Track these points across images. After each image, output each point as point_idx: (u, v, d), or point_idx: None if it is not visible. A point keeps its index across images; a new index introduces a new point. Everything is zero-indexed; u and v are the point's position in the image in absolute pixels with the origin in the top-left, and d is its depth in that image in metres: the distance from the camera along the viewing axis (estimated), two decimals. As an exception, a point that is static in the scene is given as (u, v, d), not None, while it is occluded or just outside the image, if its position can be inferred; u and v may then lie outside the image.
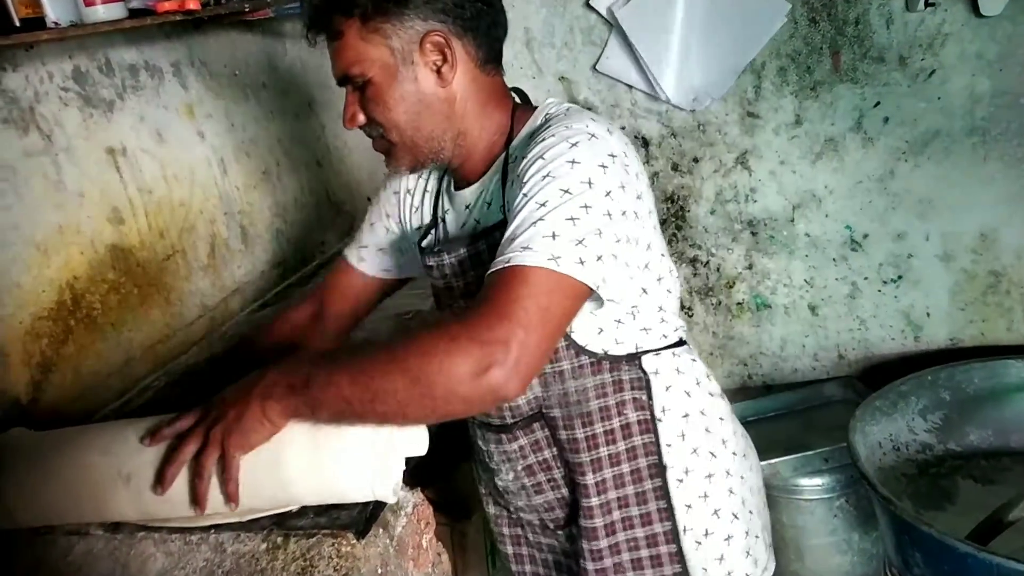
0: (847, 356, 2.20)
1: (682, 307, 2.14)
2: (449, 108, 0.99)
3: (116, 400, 1.33)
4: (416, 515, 0.99)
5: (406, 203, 1.18)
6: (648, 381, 1.02)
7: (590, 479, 1.02)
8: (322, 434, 0.87)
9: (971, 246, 2.00)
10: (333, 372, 0.82)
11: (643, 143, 2.16)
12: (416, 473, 0.99)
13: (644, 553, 1.04)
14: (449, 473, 1.68)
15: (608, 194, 0.88)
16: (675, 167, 2.16)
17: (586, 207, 0.85)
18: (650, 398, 1.02)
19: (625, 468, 1.02)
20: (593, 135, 0.91)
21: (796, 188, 2.09)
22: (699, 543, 1.05)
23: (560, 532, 1.11)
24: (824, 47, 1.96)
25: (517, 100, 1.07)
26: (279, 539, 0.89)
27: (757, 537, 1.10)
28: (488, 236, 0.99)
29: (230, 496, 0.86)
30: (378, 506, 0.92)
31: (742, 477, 1.09)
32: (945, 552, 1.43)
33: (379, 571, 0.89)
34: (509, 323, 0.79)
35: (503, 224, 0.93)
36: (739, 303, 2.24)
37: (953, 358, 1.99)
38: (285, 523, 0.90)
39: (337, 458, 0.87)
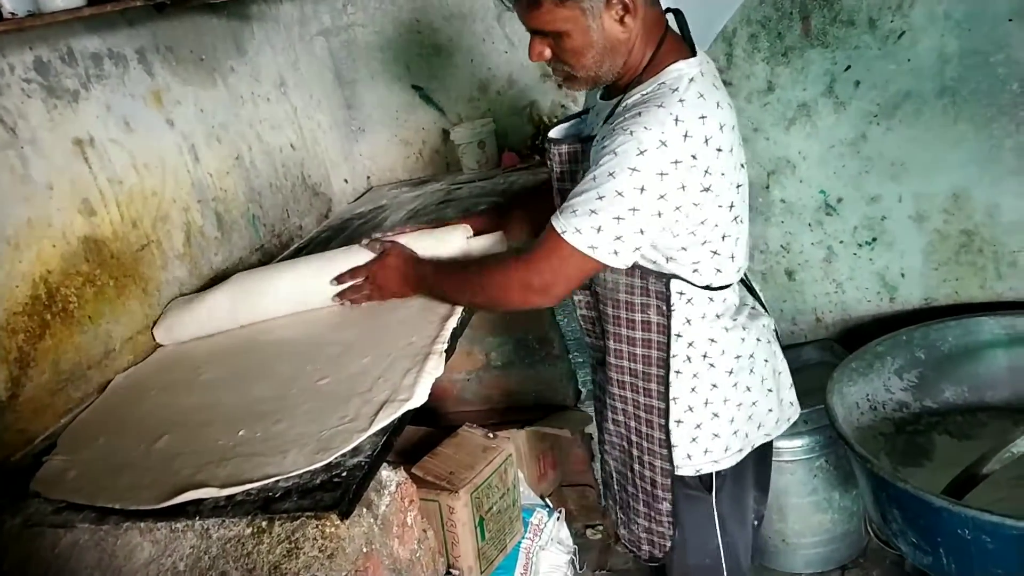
0: (824, 319, 2.24)
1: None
2: (625, 46, 1.17)
3: (97, 393, 1.33)
4: (400, 493, 1.00)
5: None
6: (669, 296, 1.22)
7: (611, 344, 1.31)
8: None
9: (943, 206, 2.02)
10: (443, 277, 1.34)
11: (617, 115, 2.15)
12: (401, 451, 1.00)
13: (642, 414, 1.31)
14: (435, 447, 1.70)
15: (662, 197, 1.10)
16: (650, 138, 2.16)
17: (633, 210, 1.10)
18: (669, 309, 1.23)
19: (638, 351, 1.28)
20: (663, 143, 1.08)
21: (770, 155, 2.11)
22: (679, 422, 1.29)
23: (600, 368, 1.41)
24: (794, 12, 1.96)
25: (671, 24, 1.21)
26: (263, 523, 0.90)
27: (717, 437, 1.29)
28: (586, 143, 1.24)
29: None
30: (361, 485, 0.93)
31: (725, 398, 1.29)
32: (922, 507, 1.46)
33: (364, 550, 0.90)
34: (543, 280, 1.17)
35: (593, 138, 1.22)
36: (718, 271, 2.26)
37: (928, 317, 2.02)
38: (269, 507, 0.91)
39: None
